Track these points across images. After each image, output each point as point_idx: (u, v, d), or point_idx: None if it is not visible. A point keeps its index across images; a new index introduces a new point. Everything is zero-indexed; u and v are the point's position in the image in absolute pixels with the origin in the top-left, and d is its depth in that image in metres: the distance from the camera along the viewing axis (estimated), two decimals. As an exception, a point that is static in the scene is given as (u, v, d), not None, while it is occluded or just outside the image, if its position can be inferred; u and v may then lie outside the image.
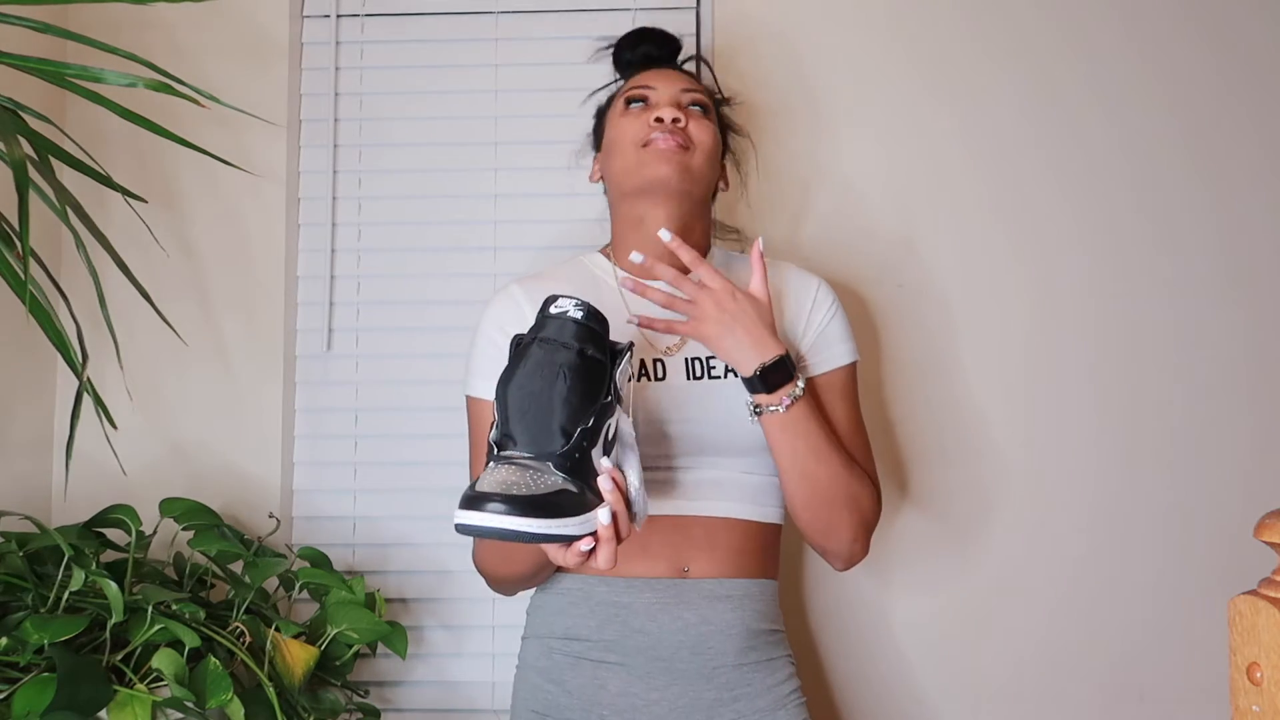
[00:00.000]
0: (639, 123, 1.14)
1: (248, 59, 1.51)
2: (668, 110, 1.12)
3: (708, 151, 1.14)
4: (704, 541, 1.08)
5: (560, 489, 0.81)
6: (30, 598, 1.10)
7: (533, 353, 0.87)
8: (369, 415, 1.50)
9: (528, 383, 0.85)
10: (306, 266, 1.53)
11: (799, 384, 1.03)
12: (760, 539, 1.12)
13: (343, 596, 1.26)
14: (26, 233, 1.01)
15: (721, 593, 1.08)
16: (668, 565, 1.08)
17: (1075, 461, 1.45)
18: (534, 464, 0.82)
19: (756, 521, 1.11)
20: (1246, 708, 0.52)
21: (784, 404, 1.02)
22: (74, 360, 1.10)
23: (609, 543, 0.86)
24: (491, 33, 1.53)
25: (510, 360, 0.89)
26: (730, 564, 1.09)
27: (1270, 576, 0.54)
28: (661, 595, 1.07)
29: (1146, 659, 1.43)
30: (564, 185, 1.49)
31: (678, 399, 1.08)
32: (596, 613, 1.08)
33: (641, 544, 1.07)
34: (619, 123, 1.17)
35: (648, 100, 1.17)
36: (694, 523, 1.08)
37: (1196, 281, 1.47)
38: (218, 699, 1.03)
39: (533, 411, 0.84)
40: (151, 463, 1.46)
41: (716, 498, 1.09)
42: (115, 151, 1.45)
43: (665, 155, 1.10)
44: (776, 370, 1.02)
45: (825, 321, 1.16)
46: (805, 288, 1.18)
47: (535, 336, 0.88)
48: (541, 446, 0.83)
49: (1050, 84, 1.50)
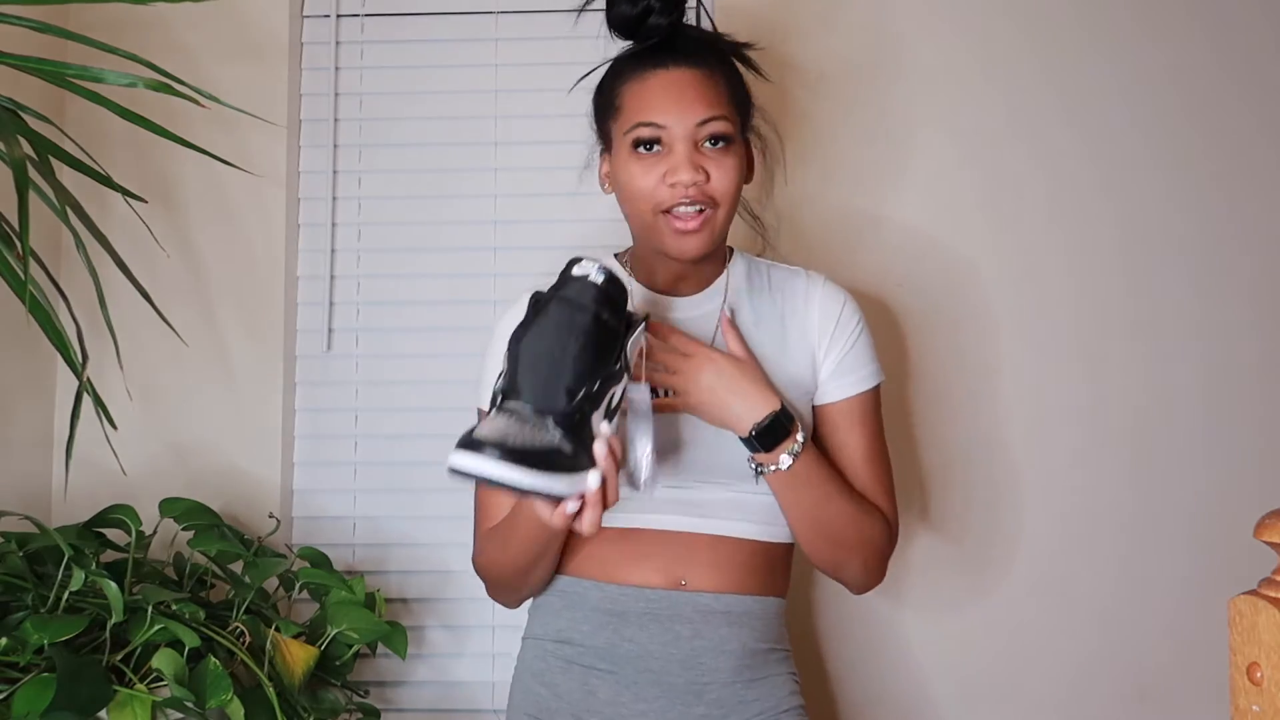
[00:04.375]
0: (652, 177, 1.02)
1: (248, 59, 1.51)
2: (686, 171, 1.00)
3: (732, 198, 1.04)
4: (706, 556, 1.05)
5: (555, 446, 0.82)
6: (30, 598, 1.10)
7: (550, 310, 0.87)
8: (369, 415, 1.50)
9: (541, 338, 0.86)
10: (306, 266, 1.53)
11: (798, 439, 1.00)
12: (767, 557, 1.08)
13: (343, 596, 1.26)
14: (26, 233, 1.01)
15: (718, 608, 1.05)
16: (664, 576, 1.05)
17: (1082, 471, 1.45)
18: (535, 418, 0.83)
19: (764, 541, 1.08)
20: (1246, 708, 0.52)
21: (785, 463, 1.00)
22: (74, 360, 1.10)
23: (594, 507, 0.86)
24: (491, 33, 1.53)
25: (527, 314, 0.89)
26: (731, 580, 1.05)
27: (1270, 576, 0.54)
28: (654, 606, 1.04)
29: (1146, 659, 1.43)
30: (564, 185, 1.49)
31: (691, 422, 1.05)
32: (590, 618, 1.06)
33: (641, 552, 1.05)
34: (627, 166, 1.04)
35: (660, 141, 1.02)
36: (698, 538, 1.05)
37: (1216, 289, 1.46)
38: (218, 699, 1.03)
39: (542, 367, 0.85)
40: (151, 463, 1.46)
41: (724, 516, 1.06)
42: (115, 151, 1.45)
43: (688, 236, 1.02)
44: (772, 429, 1.00)
45: (850, 344, 1.10)
46: (831, 302, 1.12)
47: (554, 294, 0.88)
48: (545, 402, 0.84)
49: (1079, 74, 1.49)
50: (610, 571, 1.06)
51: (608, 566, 1.06)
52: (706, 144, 1.02)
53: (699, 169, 1.01)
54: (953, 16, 1.50)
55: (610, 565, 1.06)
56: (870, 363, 1.12)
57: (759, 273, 1.15)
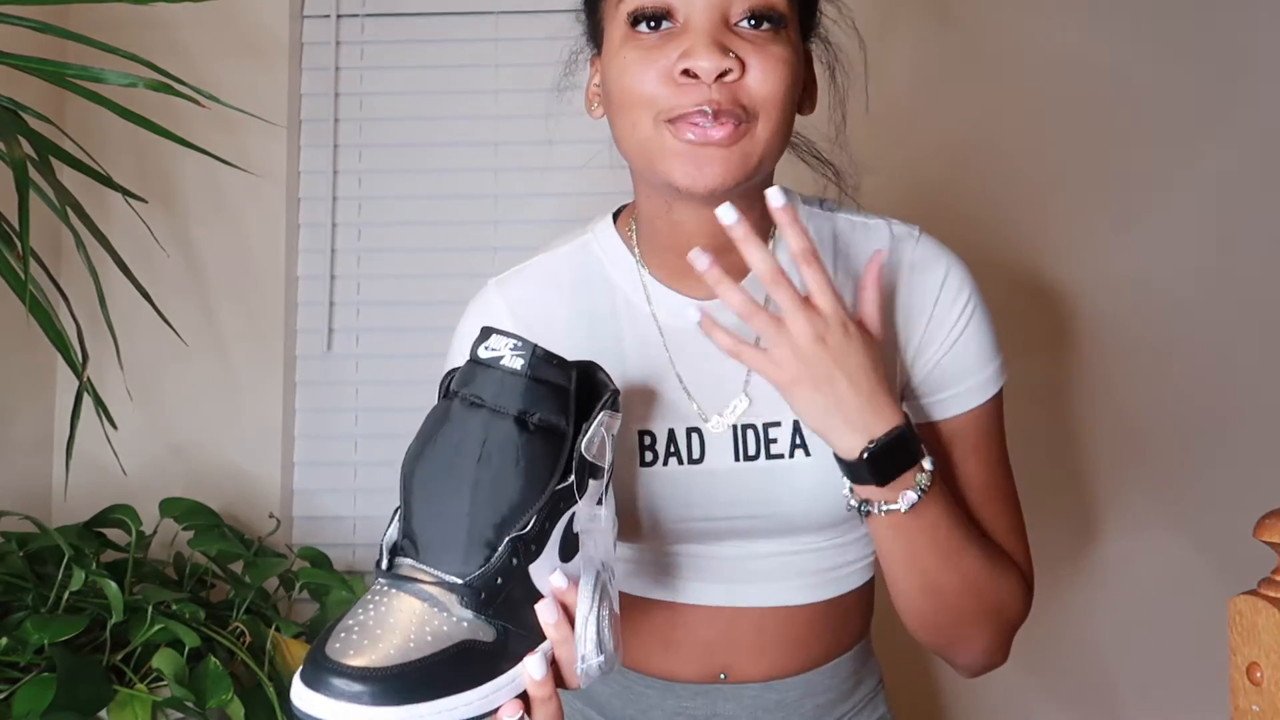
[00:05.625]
0: (656, 69, 0.67)
1: (248, 59, 1.51)
2: (706, 56, 0.65)
3: (781, 106, 0.68)
4: (752, 638, 0.78)
5: (461, 642, 0.55)
6: (30, 598, 1.10)
7: (450, 416, 0.60)
8: (369, 415, 1.50)
9: (439, 462, 0.59)
10: (306, 266, 1.53)
11: (925, 467, 0.68)
12: (839, 613, 0.81)
13: (343, 596, 1.27)
14: (26, 233, 1.01)
15: (772, 698, 0.79)
16: (698, 668, 0.78)
17: (1081, 470, 1.45)
18: (434, 591, 0.56)
19: (833, 599, 0.80)
20: (1246, 708, 0.52)
21: (908, 500, 0.68)
22: (74, 360, 1.10)
23: (545, 703, 0.58)
24: (491, 33, 1.53)
25: (424, 423, 0.62)
26: (787, 662, 0.79)
27: (1270, 576, 0.54)
28: (687, 706, 0.79)
29: (1146, 659, 1.43)
30: (565, 185, 1.49)
31: (723, 489, 0.75)
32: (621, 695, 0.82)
33: (667, 638, 0.79)
34: (621, 56, 0.70)
35: (670, 15, 0.68)
36: (742, 614, 0.78)
37: (1216, 286, 1.46)
38: (218, 699, 1.03)
39: (443, 508, 0.58)
40: (151, 463, 1.46)
41: (776, 581, 0.78)
42: (115, 151, 1.45)
43: (707, 158, 0.67)
44: (894, 451, 0.67)
45: (959, 332, 0.76)
46: (926, 273, 0.77)
47: (458, 391, 0.61)
48: (451, 564, 0.56)
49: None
50: (631, 657, 0.80)
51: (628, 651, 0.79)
52: (744, 24, 0.68)
53: (727, 53, 0.66)
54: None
55: (631, 650, 0.79)
56: (994, 356, 0.78)
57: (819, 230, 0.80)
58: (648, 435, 0.76)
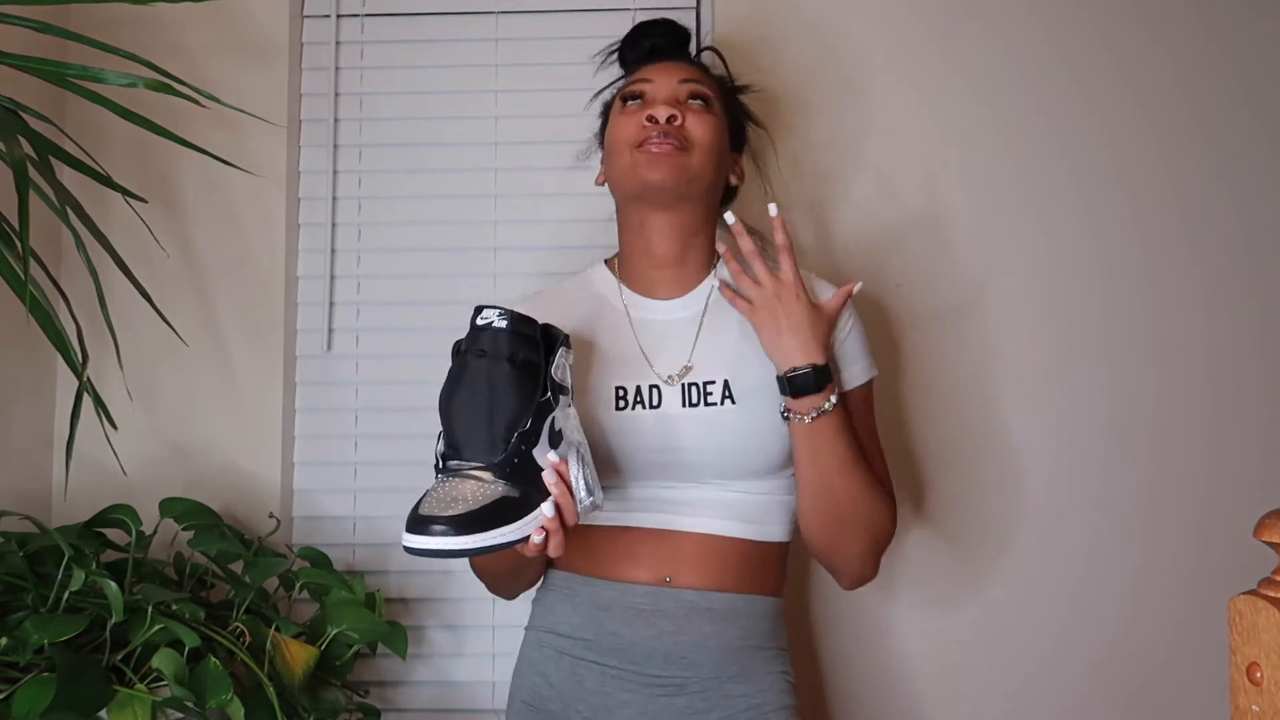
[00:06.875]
0: (634, 122, 1.10)
1: (248, 59, 1.51)
2: (661, 109, 1.08)
3: (708, 149, 1.09)
4: (692, 555, 1.08)
5: (501, 497, 0.87)
6: (30, 598, 1.10)
7: (467, 365, 0.92)
8: (369, 415, 1.50)
9: (464, 395, 0.91)
10: (306, 266, 1.53)
11: (830, 399, 1.02)
12: (756, 556, 1.10)
13: (343, 596, 1.26)
14: (26, 233, 1.01)
15: (702, 605, 1.07)
16: (650, 573, 1.07)
17: (1080, 466, 1.45)
18: (477, 474, 0.88)
19: (753, 540, 1.09)
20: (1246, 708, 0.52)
21: (809, 416, 1.02)
22: (74, 360, 1.10)
23: (555, 534, 0.91)
24: (491, 33, 1.53)
25: (450, 372, 0.94)
26: (717, 578, 1.08)
27: (1270, 576, 0.54)
28: (639, 601, 1.07)
29: (1146, 659, 1.43)
30: (565, 185, 1.49)
31: (672, 427, 1.06)
32: (579, 611, 1.10)
33: (630, 550, 1.08)
34: (616, 122, 1.13)
35: (644, 96, 1.12)
36: (684, 536, 1.08)
37: (1218, 287, 1.47)
38: (218, 699, 1.03)
39: (474, 422, 0.90)
40: (151, 463, 1.46)
41: (712, 515, 1.08)
42: (115, 151, 1.45)
43: (658, 159, 1.06)
44: (808, 379, 1.01)
45: (842, 338, 1.11)
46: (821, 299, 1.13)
47: (469, 349, 0.93)
48: (483, 456, 0.89)
49: (1081, 75, 1.49)
50: (600, 568, 1.10)
51: (598, 563, 1.10)
52: (688, 100, 1.12)
53: (674, 106, 1.09)
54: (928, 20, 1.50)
55: (601, 562, 1.10)
56: (862, 358, 1.13)
57: None
58: (621, 389, 1.09)
